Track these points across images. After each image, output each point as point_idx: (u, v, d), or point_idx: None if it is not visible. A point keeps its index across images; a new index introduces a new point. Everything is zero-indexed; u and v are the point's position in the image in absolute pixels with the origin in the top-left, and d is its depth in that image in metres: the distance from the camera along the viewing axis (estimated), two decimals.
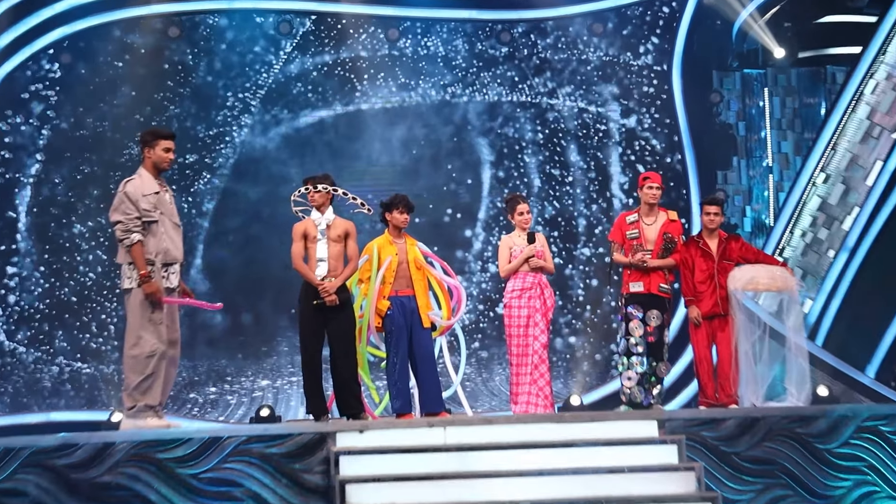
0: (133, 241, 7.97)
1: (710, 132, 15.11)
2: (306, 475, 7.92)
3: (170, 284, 8.19)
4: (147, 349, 7.99)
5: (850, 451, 8.49)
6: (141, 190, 8.07)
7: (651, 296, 9.80)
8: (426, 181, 14.61)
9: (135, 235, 7.98)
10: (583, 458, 8.02)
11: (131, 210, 8.01)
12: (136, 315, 8.03)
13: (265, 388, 14.26)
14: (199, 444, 7.85)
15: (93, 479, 7.73)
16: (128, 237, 7.99)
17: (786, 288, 9.69)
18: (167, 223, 8.15)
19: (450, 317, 9.59)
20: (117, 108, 14.31)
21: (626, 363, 9.76)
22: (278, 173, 14.47)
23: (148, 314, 8.01)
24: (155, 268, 8.09)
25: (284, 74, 14.64)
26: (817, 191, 14.65)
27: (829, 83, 15.30)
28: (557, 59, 14.97)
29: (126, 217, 8.00)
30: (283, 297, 14.06)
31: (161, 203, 8.13)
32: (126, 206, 8.02)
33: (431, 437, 8.08)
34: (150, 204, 8.06)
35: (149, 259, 8.08)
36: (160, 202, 8.13)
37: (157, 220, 8.10)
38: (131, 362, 8.02)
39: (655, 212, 9.98)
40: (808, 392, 9.64)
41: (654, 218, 9.96)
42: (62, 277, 14.15)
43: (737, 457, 8.34)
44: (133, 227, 7.99)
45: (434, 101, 14.83)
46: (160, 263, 8.14)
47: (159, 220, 8.11)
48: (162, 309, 8.08)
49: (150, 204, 8.06)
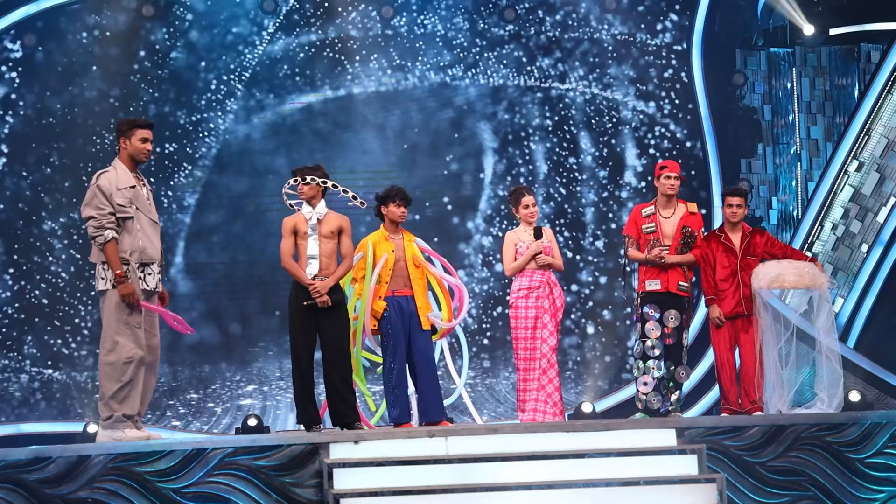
0: (107, 239, 7.96)
1: (732, 117, 15.16)
2: (297, 489, 8.00)
3: (147, 286, 8.18)
4: (124, 355, 8.01)
5: (883, 460, 8.57)
6: (115, 183, 8.05)
7: (669, 294, 9.87)
8: (423, 171, 14.68)
9: (108, 232, 7.98)
10: (595, 470, 8.11)
11: (105, 205, 7.99)
12: (112, 318, 8.04)
13: (252, 396, 14.34)
14: (181, 457, 7.93)
15: (67, 496, 7.80)
16: (101, 234, 7.98)
17: (815, 285, 9.76)
18: (143, 220, 8.13)
19: (451, 318, 9.65)
20: (88, 92, 14.36)
21: (642, 367, 9.85)
22: (263, 164, 14.54)
23: (124, 317, 8.02)
24: (130, 267, 8.09)
25: (269, 56, 14.70)
26: (849, 180, 14.72)
27: (863, 62, 15.34)
28: (567, 39, 15.03)
29: (99, 212, 7.98)
30: (270, 298, 14.16)
31: (137, 198, 8.11)
32: (99, 201, 8.00)
33: (432, 448, 8.17)
34: (126, 199, 8.04)
35: (123, 258, 8.08)
36: (136, 197, 8.11)
37: (133, 217, 8.07)
38: (107, 369, 8.04)
39: (674, 203, 10.05)
40: (839, 398, 9.73)
41: (672, 210, 10.02)
42: (32, 279, 14.21)
43: (761, 467, 8.42)
44: (107, 223, 7.98)
45: (432, 84, 14.89)
46: (136, 263, 8.14)
47: (135, 217, 8.08)
48: (139, 312, 8.11)
49: (126, 199, 8.04)
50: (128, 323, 8.04)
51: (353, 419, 8.92)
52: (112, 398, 8.05)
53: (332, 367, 8.94)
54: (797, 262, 9.88)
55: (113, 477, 7.83)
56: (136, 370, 8.04)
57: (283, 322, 13.34)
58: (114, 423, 8.10)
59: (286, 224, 9.02)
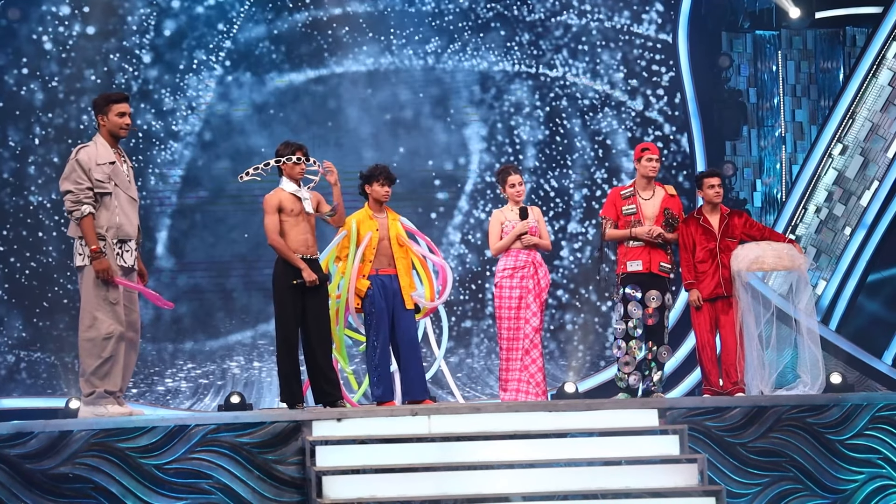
0: (84, 214, 7.98)
1: (718, 99, 15.18)
2: (280, 466, 8.02)
3: (124, 263, 8.18)
4: (103, 331, 8.02)
5: (864, 442, 8.62)
6: (95, 159, 8.07)
7: (651, 275, 9.86)
8: (407, 155, 14.63)
9: (85, 207, 7.99)
10: (577, 450, 8.13)
11: (83, 179, 8.01)
12: (91, 294, 8.05)
13: (235, 373, 14.33)
14: (164, 433, 7.94)
15: (49, 471, 7.81)
16: (78, 209, 7.99)
17: (793, 266, 9.78)
18: (122, 196, 8.14)
19: (433, 298, 9.65)
20: (69, 69, 14.27)
21: (624, 348, 9.84)
22: (245, 144, 14.49)
23: (103, 293, 8.03)
24: (106, 243, 8.09)
25: (248, 34, 14.61)
26: (834, 163, 14.75)
27: (848, 46, 15.37)
28: (554, 24, 14.99)
29: (77, 187, 8.00)
30: (252, 275, 14.15)
31: (116, 174, 8.12)
32: (77, 175, 8.02)
33: (415, 426, 8.18)
34: (104, 174, 8.06)
35: (100, 234, 8.09)
36: (115, 173, 8.11)
37: (111, 193, 8.09)
38: (87, 346, 8.06)
39: (652, 186, 10.03)
40: (822, 380, 9.76)
41: (651, 192, 10.00)
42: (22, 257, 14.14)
43: (742, 448, 8.46)
44: (84, 198, 8.00)
45: (418, 66, 14.84)
46: (112, 239, 8.14)
47: (113, 193, 8.10)
48: (117, 288, 8.10)
49: (104, 174, 8.06)
50: (106, 298, 8.04)
51: (335, 397, 8.92)
52: (93, 374, 8.07)
53: (316, 346, 8.94)
54: (776, 244, 9.88)
55: (95, 452, 7.84)
56: (116, 346, 8.05)
57: (266, 299, 13.31)
58: (95, 399, 8.11)
59: (270, 201, 8.90)
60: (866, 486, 8.58)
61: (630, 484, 7.93)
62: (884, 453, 8.62)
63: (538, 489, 7.86)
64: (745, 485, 8.43)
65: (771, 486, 8.46)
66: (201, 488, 7.92)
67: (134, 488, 7.85)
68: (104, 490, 7.83)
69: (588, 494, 7.84)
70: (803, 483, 8.49)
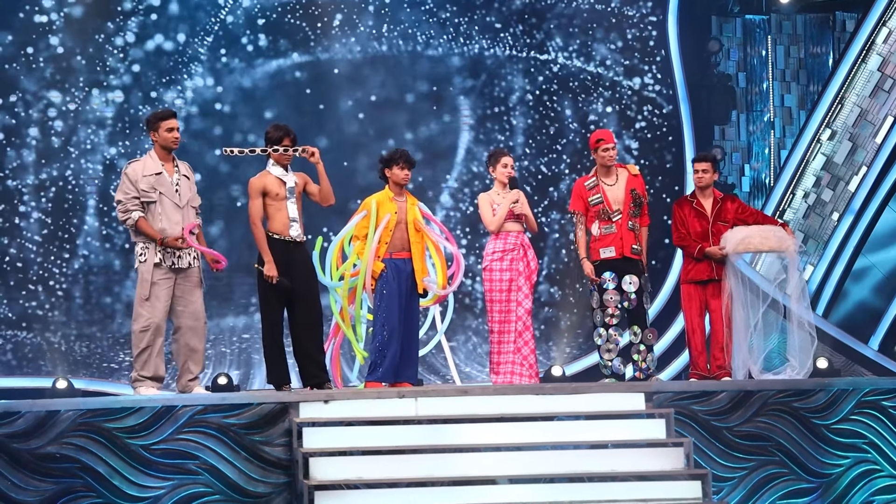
0: (134, 220, 8.82)
1: (707, 84, 15.19)
2: (267, 447, 8.04)
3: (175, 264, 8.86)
4: (140, 324, 8.79)
5: (849, 426, 8.67)
6: (141, 171, 8.91)
7: (624, 259, 9.76)
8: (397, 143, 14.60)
9: (135, 213, 8.83)
10: (564, 433, 8.18)
11: (130, 190, 8.88)
12: (137, 292, 8.92)
13: (223, 355, 14.35)
14: (151, 414, 7.97)
15: (36, 450, 7.85)
16: (128, 216, 8.84)
17: (781, 248, 9.79)
18: (166, 203, 8.87)
19: (445, 285, 9.64)
20: (56, 53, 14.21)
21: (605, 335, 9.82)
22: (233, 129, 14.47)
23: (144, 292, 8.83)
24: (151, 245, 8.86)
25: (236, 18, 14.55)
26: (822, 148, 14.78)
27: (837, 31, 15.39)
28: (544, 6, 14.97)
29: (125, 196, 8.88)
30: (240, 257, 14.13)
31: (161, 183, 8.88)
32: (126, 187, 8.90)
33: (402, 409, 8.22)
34: (149, 185, 8.87)
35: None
36: (160, 182, 8.88)
37: (156, 201, 8.87)
38: (132, 337, 8.91)
39: (614, 171, 9.98)
40: (810, 364, 9.79)
41: (614, 178, 9.94)
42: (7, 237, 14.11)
43: (728, 432, 8.50)
44: (131, 206, 8.85)
45: (406, 52, 14.81)
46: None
47: (158, 200, 8.87)
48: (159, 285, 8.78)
49: (149, 185, 8.87)
50: (146, 296, 8.82)
51: (323, 379, 8.95)
52: (135, 361, 8.84)
53: (304, 328, 8.96)
54: (764, 226, 9.91)
55: (82, 432, 7.87)
56: (151, 338, 8.75)
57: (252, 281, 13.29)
58: (134, 382, 8.82)
59: (255, 185, 9.01)
60: (851, 470, 8.63)
61: (616, 467, 7.98)
62: (869, 438, 8.67)
63: (525, 472, 7.91)
64: (730, 469, 8.47)
65: (757, 471, 8.50)
66: (188, 469, 7.95)
67: (121, 468, 7.88)
68: (91, 470, 7.86)
69: (574, 477, 7.89)
70: (789, 467, 8.53)
